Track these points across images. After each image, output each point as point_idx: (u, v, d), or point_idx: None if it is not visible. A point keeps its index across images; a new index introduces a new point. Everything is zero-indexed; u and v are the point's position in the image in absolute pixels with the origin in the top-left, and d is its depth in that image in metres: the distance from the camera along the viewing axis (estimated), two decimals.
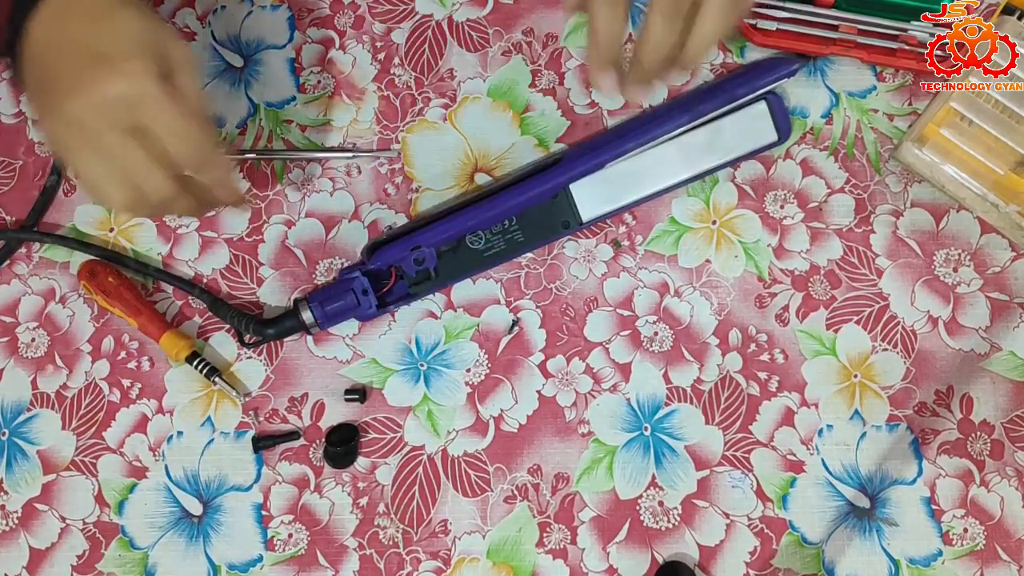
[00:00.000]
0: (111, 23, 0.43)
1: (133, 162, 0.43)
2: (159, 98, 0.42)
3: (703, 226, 0.57)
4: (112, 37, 0.42)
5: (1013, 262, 0.56)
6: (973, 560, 0.52)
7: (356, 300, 0.53)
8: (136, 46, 0.42)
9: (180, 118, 0.43)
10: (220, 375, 0.54)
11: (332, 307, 0.53)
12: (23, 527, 0.53)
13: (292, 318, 0.53)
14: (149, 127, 0.43)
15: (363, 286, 0.53)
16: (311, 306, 0.53)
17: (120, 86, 0.41)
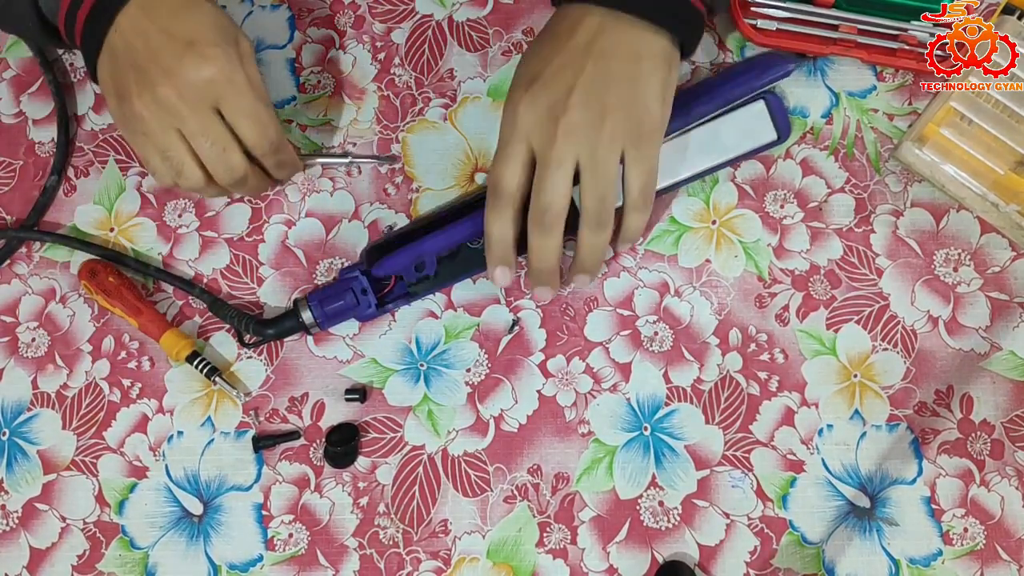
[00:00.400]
0: (194, 14, 0.47)
1: (216, 139, 0.48)
2: (241, 83, 0.47)
3: (703, 226, 0.57)
4: (196, 26, 0.47)
5: (1013, 262, 0.56)
6: (973, 560, 0.52)
7: (356, 300, 0.53)
8: (219, 34, 0.47)
9: (257, 102, 0.48)
10: (220, 375, 0.54)
11: (332, 307, 0.53)
12: (23, 527, 0.54)
13: (292, 318, 0.53)
14: (227, 110, 0.47)
15: (362, 286, 0.53)
16: (311, 306, 0.53)
17: (209, 70, 0.46)
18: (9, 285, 0.57)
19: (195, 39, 0.46)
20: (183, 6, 0.47)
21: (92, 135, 0.59)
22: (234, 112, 0.47)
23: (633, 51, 0.46)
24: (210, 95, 0.47)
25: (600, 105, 0.45)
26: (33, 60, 0.61)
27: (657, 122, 0.46)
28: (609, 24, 0.45)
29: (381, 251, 0.54)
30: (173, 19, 0.47)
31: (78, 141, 0.59)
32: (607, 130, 0.45)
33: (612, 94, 0.45)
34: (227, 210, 0.58)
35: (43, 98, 0.60)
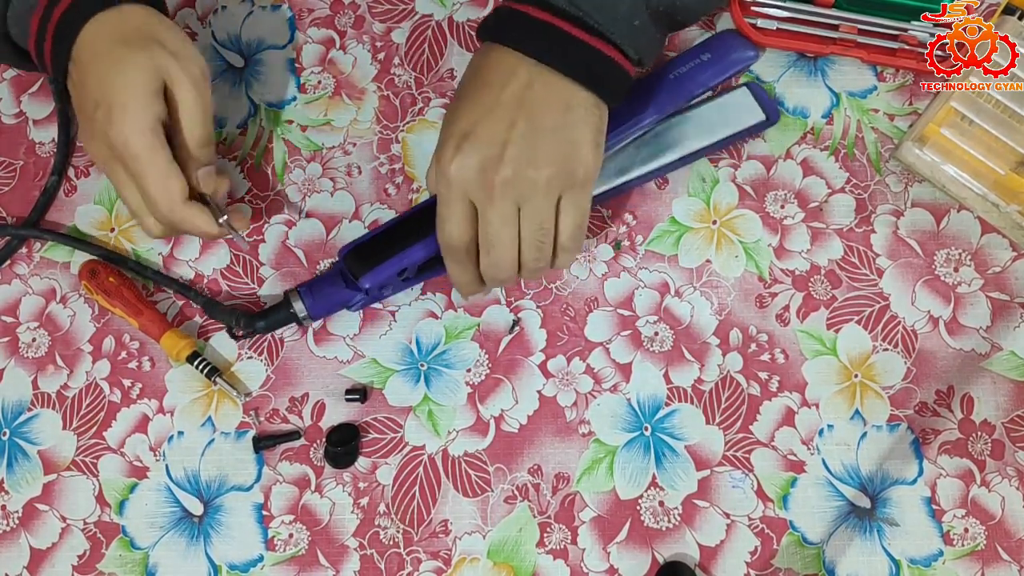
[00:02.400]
0: (111, 72, 0.47)
1: (129, 201, 0.50)
2: (134, 161, 0.47)
3: (703, 226, 0.57)
4: (113, 88, 0.47)
5: (1014, 262, 0.56)
6: (974, 560, 0.52)
7: (346, 289, 0.53)
8: (131, 96, 0.46)
9: (149, 180, 0.48)
10: (221, 375, 0.54)
11: (322, 297, 0.53)
12: (24, 527, 0.54)
13: (283, 309, 0.53)
14: (131, 175, 0.48)
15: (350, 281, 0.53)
16: (302, 296, 0.53)
17: (107, 142, 0.47)
18: (9, 285, 0.57)
19: (109, 101, 0.47)
20: (110, 57, 0.47)
21: None
22: (136, 178, 0.48)
23: (563, 102, 0.45)
24: (116, 157, 0.48)
25: (535, 158, 0.44)
26: None
27: (591, 170, 0.46)
28: (538, 77, 0.45)
29: (363, 257, 0.53)
30: (100, 72, 0.47)
31: (79, 141, 0.59)
32: (543, 182, 0.45)
33: (545, 147, 0.45)
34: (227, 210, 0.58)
35: (43, 98, 0.60)
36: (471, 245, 0.48)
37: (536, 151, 0.45)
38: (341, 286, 0.53)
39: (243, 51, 0.61)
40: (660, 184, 0.57)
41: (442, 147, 0.46)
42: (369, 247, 0.53)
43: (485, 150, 0.45)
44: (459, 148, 0.45)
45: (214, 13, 0.62)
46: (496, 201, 0.45)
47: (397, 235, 0.53)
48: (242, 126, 0.59)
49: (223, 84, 0.60)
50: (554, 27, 0.45)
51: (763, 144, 0.58)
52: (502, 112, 0.45)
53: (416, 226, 0.52)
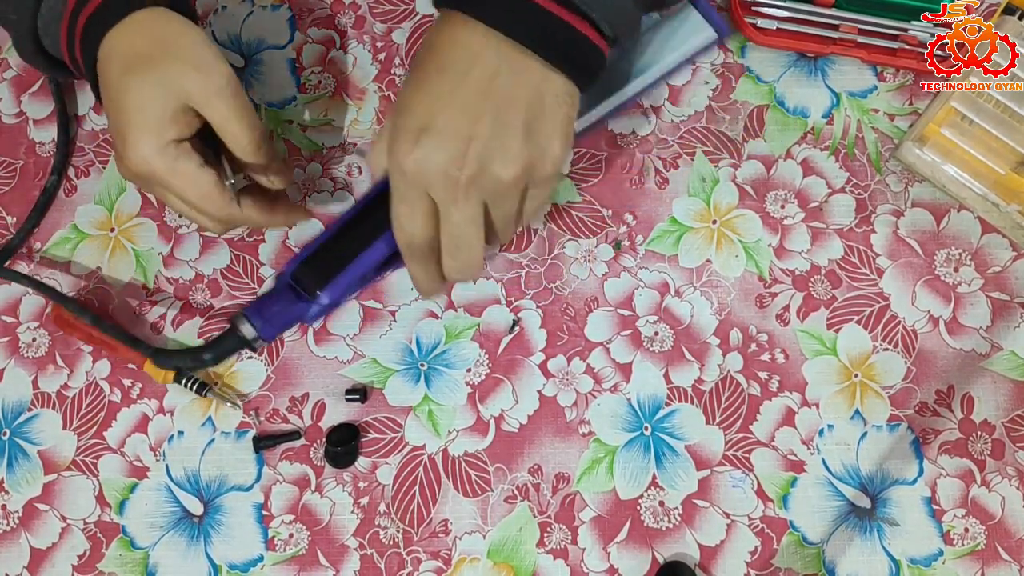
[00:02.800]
0: (123, 97, 0.45)
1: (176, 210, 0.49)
2: (163, 179, 0.46)
3: (704, 226, 0.57)
4: (126, 114, 0.45)
5: (1014, 262, 0.56)
6: (974, 560, 0.52)
7: (297, 303, 0.48)
8: (141, 123, 0.45)
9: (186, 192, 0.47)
10: (211, 388, 0.54)
11: (273, 315, 0.48)
12: (24, 527, 0.54)
13: (230, 337, 0.48)
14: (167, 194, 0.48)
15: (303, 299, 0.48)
16: (250, 320, 0.48)
17: (130, 169, 0.46)
18: (10, 286, 0.57)
19: (123, 130, 0.45)
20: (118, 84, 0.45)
21: (93, 135, 0.60)
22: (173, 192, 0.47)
23: (534, 93, 0.41)
24: (144, 178, 0.47)
25: (503, 157, 0.41)
26: None
27: (559, 163, 0.43)
28: (506, 63, 0.40)
29: (316, 269, 0.47)
30: (110, 99, 0.46)
31: (79, 141, 0.60)
32: (510, 181, 0.41)
33: (514, 144, 0.41)
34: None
35: (43, 98, 0.60)
36: (433, 243, 0.44)
37: (504, 149, 0.41)
38: (292, 301, 0.47)
39: (243, 51, 0.61)
40: (660, 184, 0.58)
41: (397, 138, 0.41)
42: (319, 258, 0.47)
43: (448, 146, 0.40)
44: (417, 142, 0.40)
45: (214, 13, 0.62)
46: (461, 202, 0.41)
47: (348, 238, 0.47)
48: None
49: None
50: None
51: (763, 144, 0.58)
52: (465, 103, 0.40)
53: (368, 223, 0.47)
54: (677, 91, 0.59)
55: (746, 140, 0.58)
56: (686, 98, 0.59)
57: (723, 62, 0.60)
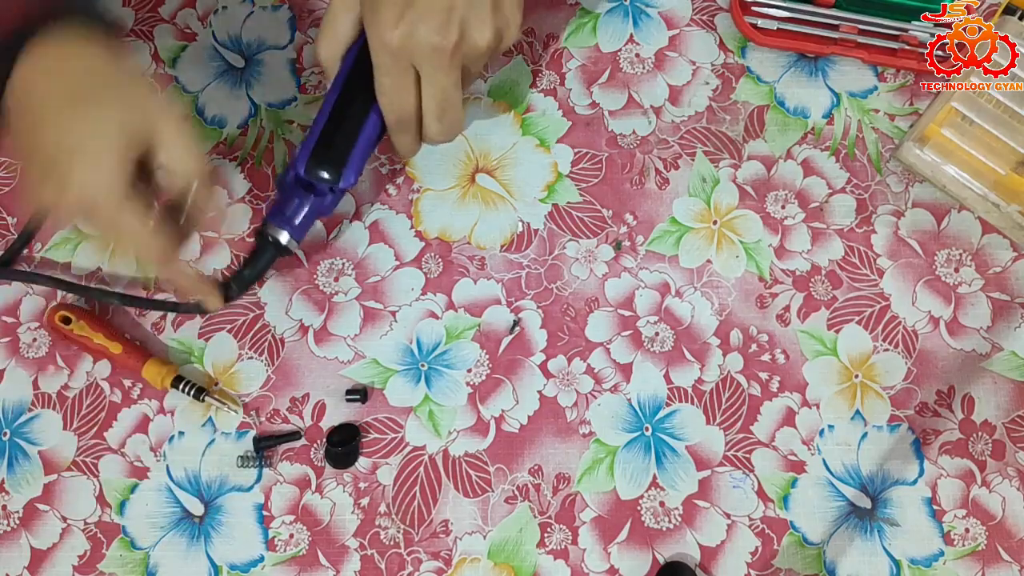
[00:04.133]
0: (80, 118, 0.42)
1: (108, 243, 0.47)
2: (112, 217, 0.42)
3: (704, 226, 0.57)
4: (64, 148, 0.41)
5: (1014, 262, 0.56)
6: (974, 560, 0.52)
7: (315, 195, 0.50)
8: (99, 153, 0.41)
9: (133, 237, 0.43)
10: (208, 393, 0.54)
11: (296, 214, 0.50)
12: (24, 527, 0.53)
13: (266, 248, 0.51)
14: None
15: (322, 188, 0.50)
16: (275, 224, 0.50)
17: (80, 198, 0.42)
18: (10, 286, 0.57)
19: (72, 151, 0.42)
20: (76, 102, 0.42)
21: None
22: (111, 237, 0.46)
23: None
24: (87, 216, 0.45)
25: (479, 23, 0.45)
26: None
27: (518, 31, 0.48)
28: None
29: (327, 157, 0.49)
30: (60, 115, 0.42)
31: None
32: (485, 45, 0.46)
33: (486, 12, 0.45)
34: (228, 210, 0.58)
35: None
36: (417, 111, 0.48)
37: (480, 19, 0.45)
38: (308, 196, 0.50)
39: (244, 51, 0.61)
40: (660, 184, 0.58)
41: (379, 16, 0.44)
42: (325, 145, 0.49)
43: (432, 17, 0.44)
44: (402, 17, 0.44)
45: (215, 13, 0.62)
46: (446, 68, 0.45)
47: (343, 121, 0.49)
48: (242, 126, 0.59)
49: (223, 84, 0.60)
50: None
51: (763, 144, 0.58)
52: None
53: (356, 103, 0.49)
54: (677, 91, 0.59)
55: (746, 140, 0.58)
56: (686, 98, 0.59)
57: (723, 62, 0.60)
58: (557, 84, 0.59)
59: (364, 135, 0.49)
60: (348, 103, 0.49)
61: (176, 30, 0.61)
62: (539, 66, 0.60)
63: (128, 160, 0.42)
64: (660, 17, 0.61)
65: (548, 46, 0.60)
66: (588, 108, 0.59)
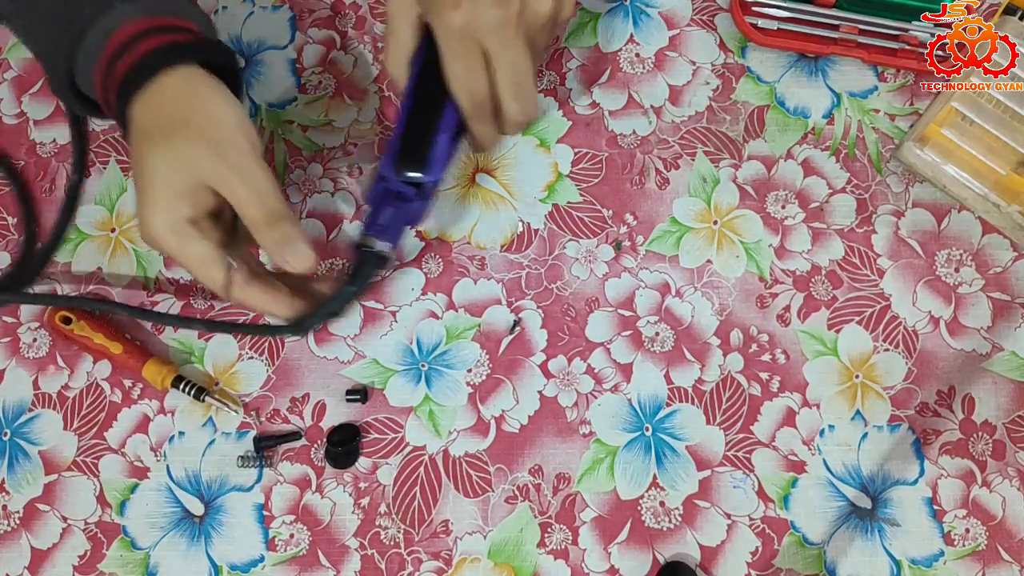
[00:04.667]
0: (140, 168, 0.45)
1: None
2: (170, 254, 0.46)
3: (704, 226, 0.57)
4: (142, 186, 0.45)
5: (1015, 262, 0.56)
6: (975, 560, 0.52)
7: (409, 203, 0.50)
8: (152, 199, 0.45)
9: (190, 270, 0.47)
10: (209, 393, 0.54)
11: (391, 222, 0.50)
12: (25, 527, 0.54)
13: (367, 261, 0.51)
14: None
15: (399, 188, 0.50)
16: (375, 236, 0.50)
17: (145, 234, 0.46)
18: None
19: (141, 196, 0.45)
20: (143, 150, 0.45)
21: (93, 136, 0.60)
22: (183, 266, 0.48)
23: None
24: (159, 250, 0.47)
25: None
26: (34, 61, 0.61)
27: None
28: None
29: (411, 157, 0.49)
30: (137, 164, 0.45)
31: None
32: (547, 12, 0.45)
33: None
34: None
35: (44, 98, 0.60)
36: (491, 95, 0.47)
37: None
38: (397, 203, 0.50)
39: (244, 51, 0.61)
40: (661, 184, 0.58)
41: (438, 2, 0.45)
42: (407, 146, 0.49)
43: None
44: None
45: (215, 13, 0.62)
46: (513, 40, 0.45)
47: (419, 121, 0.50)
48: None
49: None
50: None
51: (764, 144, 0.58)
52: None
53: (429, 99, 0.49)
54: (678, 91, 0.59)
55: (747, 140, 0.58)
56: (687, 98, 0.59)
57: (724, 62, 0.60)
58: (557, 84, 0.59)
59: (443, 128, 0.49)
60: (422, 103, 0.49)
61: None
62: (539, 66, 0.60)
63: (189, 199, 0.45)
64: (660, 17, 0.61)
65: (548, 46, 0.60)
66: (588, 108, 0.59)
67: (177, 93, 0.45)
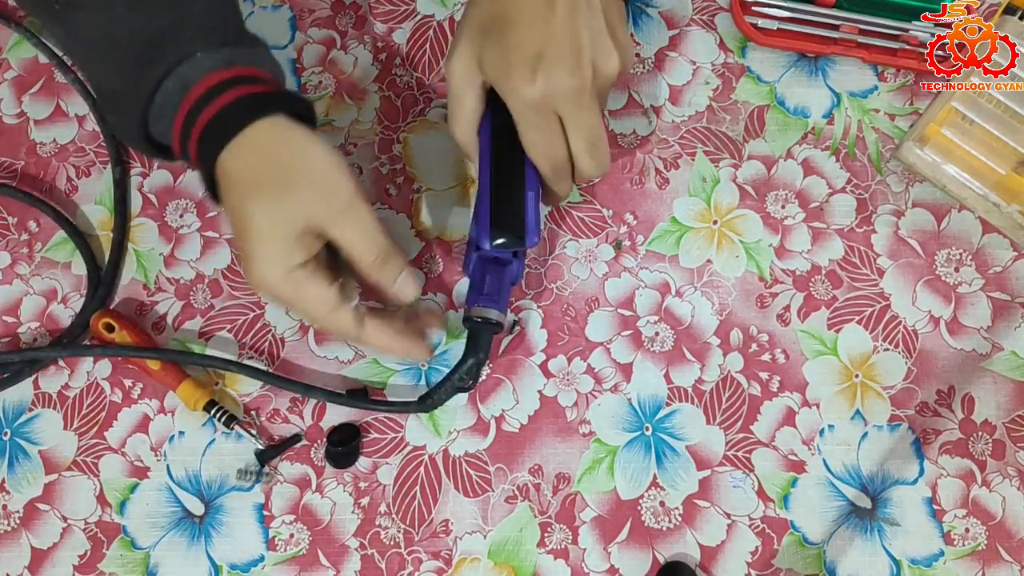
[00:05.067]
0: (246, 223, 0.44)
1: None
2: (287, 302, 0.46)
3: (704, 226, 0.57)
4: (249, 239, 0.44)
5: (1014, 262, 0.56)
6: (975, 560, 0.52)
7: (511, 270, 0.52)
8: (261, 249, 0.44)
9: (309, 314, 0.46)
10: (239, 421, 0.53)
11: (498, 289, 0.51)
12: (25, 527, 0.54)
13: (483, 332, 0.51)
14: None
15: (503, 256, 0.51)
16: (487, 306, 0.50)
17: (259, 286, 0.45)
18: (11, 286, 0.57)
19: (246, 251, 0.45)
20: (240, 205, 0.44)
21: (93, 135, 0.60)
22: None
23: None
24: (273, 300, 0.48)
25: (605, 54, 0.46)
26: (35, 61, 0.61)
27: (633, 52, 0.50)
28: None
29: (507, 224, 0.50)
30: (241, 219, 0.44)
31: (79, 141, 0.60)
32: (614, 72, 0.47)
33: (607, 41, 0.46)
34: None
35: (45, 98, 0.60)
36: (569, 155, 0.49)
37: (605, 50, 0.46)
38: (496, 269, 0.51)
39: None
40: (661, 184, 0.58)
41: (512, 76, 0.45)
42: (499, 216, 0.50)
43: (565, 63, 0.45)
44: (536, 70, 0.45)
45: None
46: (587, 104, 0.46)
47: (504, 189, 0.50)
48: None
49: None
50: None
51: (764, 144, 0.58)
52: (563, 24, 0.45)
53: (509, 166, 0.50)
54: (678, 91, 0.59)
55: (747, 140, 0.58)
56: (687, 98, 0.59)
57: (724, 62, 0.60)
58: None
59: (529, 193, 0.50)
60: (502, 170, 0.50)
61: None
62: None
63: (300, 245, 0.44)
64: (660, 17, 0.61)
65: None
66: None
67: (272, 142, 0.45)
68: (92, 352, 0.54)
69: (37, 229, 0.58)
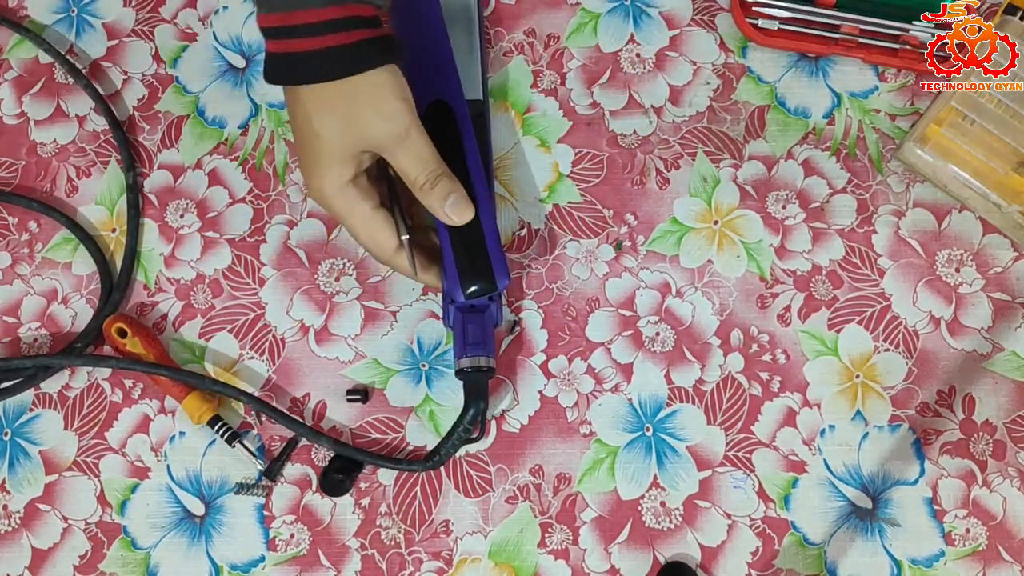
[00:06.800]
0: (313, 134, 0.47)
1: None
2: (339, 215, 0.50)
3: (705, 226, 0.57)
4: (313, 151, 0.48)
5: (1015, 262, 0.56)
6: (975, 560, 0.52)
7: (491, 318, 0.53)
8: (330, 162, 0.48)
9: (357, 232, 0.50)
10: (242, 440, 0.53)
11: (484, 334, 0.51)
12: (25, 527, 0.54)
13: (479, 380, 0.51)
14: None
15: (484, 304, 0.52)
16: (477, 355, 0.51)
17: (313, 198, 0.50)
18: (11, 286, 0.57)
19: (310, 160, 0.48)
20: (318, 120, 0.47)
21: (94, 135, 0.60)
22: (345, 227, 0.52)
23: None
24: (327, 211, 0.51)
25: None
26: (35, 61, 0.61)
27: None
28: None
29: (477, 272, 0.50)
30: (308, 130, 0.47)
31: (79, 141, 0.60)
32: None
33: None
34: (229, 210, 0.58)
35: (45, 98, 0.60)
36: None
37: None
38: (476, 317, 0.52)
39: (244, 52, 0.61)
40: (661, 184, 0.58)
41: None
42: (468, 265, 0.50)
43: None
44: None
45: (215, 13, 0.62)
46: None
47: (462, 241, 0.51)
48: (243, 126, 0.59)
49: (224, 84, 0.60)
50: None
51: (764, 144, 0.58)
52: None
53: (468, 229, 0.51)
54: (678, 91, 0.59)
55: (747, 140, 0.58)
56: (687, 98, 0.59)
57: (724, 62, 0.60)
58: (558, 84, 0.59)
59: (488, 238, 0.51)
60: (453, 228, 0.51)
61: (177, 30, 0.61)
62: (540, 66, 0.60)
63: (354, 162, 0.48)
64: (661, 17, 0.61)
65: (549, 46, 0.60)
66: (589, 108, 0.59)
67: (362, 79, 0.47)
68: (107, 363, 0.54)
69: (38, 229, 0.58)
